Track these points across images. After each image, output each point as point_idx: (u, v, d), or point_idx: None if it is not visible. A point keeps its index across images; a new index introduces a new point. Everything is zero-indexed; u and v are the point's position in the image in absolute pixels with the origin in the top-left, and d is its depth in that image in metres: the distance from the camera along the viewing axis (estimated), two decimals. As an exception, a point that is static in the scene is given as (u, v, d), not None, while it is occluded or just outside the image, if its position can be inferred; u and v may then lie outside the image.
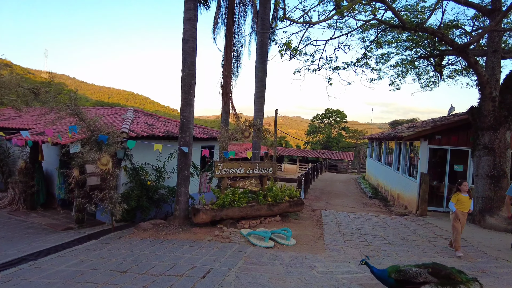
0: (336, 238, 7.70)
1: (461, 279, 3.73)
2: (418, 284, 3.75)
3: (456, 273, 3.80)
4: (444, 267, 3.89)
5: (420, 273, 3.73)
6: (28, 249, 6.57)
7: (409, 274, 3.73)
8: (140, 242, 6.91)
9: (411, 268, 3.80)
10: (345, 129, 62.71)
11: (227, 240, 7.00)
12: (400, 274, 3.77)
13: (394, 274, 3.83)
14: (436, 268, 3.85)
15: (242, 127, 8.89)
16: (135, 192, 9.38)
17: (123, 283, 4.54)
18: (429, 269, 3.80)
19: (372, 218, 10.75)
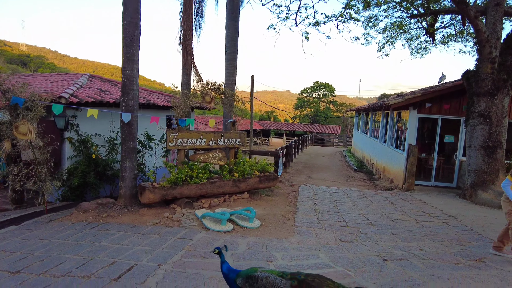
0: (310, 218, 6.59)
1: None
2: None
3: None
4: (326, 282, 2.56)
5: (278, 285, 2.47)
6: None
7: (259, 284, 2.49)
8: (70, 227, 5.66)
9: (268, 276, 2.52)
10: (333, 103, 61.58)
11: (176, 223, 5.81)
12: (248, 282, 2.54)
13: (240, 280, 2.59)
14: (306, 282, 2.52)
15: (202, 90, 7.51)
16: (80, 168, 8.05)
17: (0, 292, 3.32)
18: (293, 282, 2.51)
19: (354, 194, 9.72)
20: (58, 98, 7.61)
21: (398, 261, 4.30)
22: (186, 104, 7.22)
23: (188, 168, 7.11)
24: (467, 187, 9.02)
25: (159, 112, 10.99)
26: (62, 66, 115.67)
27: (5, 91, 5.68)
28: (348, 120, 48.16)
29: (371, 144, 17.26)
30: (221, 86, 7.72)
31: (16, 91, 5.75)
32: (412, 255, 4.56)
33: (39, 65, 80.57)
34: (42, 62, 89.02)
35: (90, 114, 6.28)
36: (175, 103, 7.20)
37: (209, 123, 7.75)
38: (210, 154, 7.68)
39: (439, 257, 4.52)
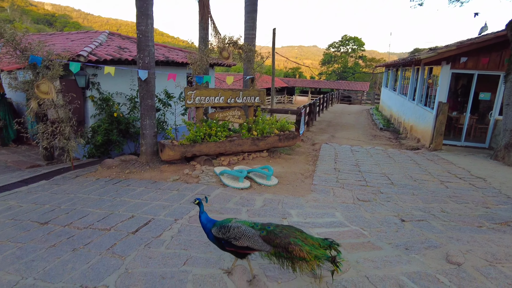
0: (329, 177, 6.50)
1: (306, 254, 2.51)
2: (241, 248, 2.63)
3: (299, 243, 2.57)
4: (294, 233, 2.67)
5: (248, 234, 2.59)
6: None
7: (230, 233, 2.60)
8: (94, 183, 5.90)
9: (239, 226, 2.64)
10: (362, 58, 58.67)
11: (195, 180, 5.91)
12: (221, 231, 2.65)
13: (215, 229, 2.69)
14: (274, 232, 2.65)
15: (219, 45, 7.24)
16: (103, 126, 8.24)
17: (29, 241, 3.53)
18: (263, 232, 2.66)
19: (378, 153, 9.45)
20: (76, 57, 7.63)
21: (416, 222, 4.18)
22: (203, 60, 7.02)
23: (207, 126, 7.09)
24: (501, 147, 8.50)
25: (179, 69, 10.88)
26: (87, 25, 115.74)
27: (23, 49, 5.70)
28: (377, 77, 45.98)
29: (399, 102, 16.51)
30: (239, 41, 7.41)
31: (33, 49, 5.75)
32: (433, 217, 4.42)
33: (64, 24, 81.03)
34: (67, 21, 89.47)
35: (107, 72, 6.25)
36: (191, 59, 7.02)
37: (226, 81, 7.55)
38: (228, 112, 7.58)
39: (461, 219, 4.35)
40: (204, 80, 7.12)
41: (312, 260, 2.49)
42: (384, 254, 3.22)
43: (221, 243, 2.68)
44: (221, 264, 3.02)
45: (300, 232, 2.73)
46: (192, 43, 7.51)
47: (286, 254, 2.55)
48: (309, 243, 2.61)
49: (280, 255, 2.58)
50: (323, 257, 2.53)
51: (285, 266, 2.61)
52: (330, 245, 2.65)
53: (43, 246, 3.38)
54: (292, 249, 2.53)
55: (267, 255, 2.65)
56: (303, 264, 2.52)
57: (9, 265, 3.03)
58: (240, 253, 2.70)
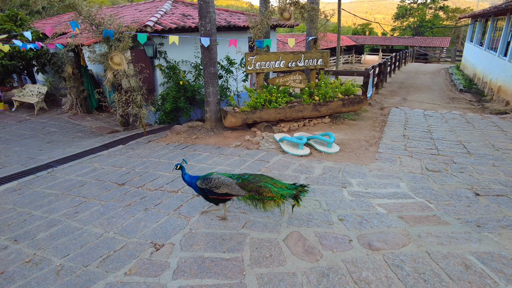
0: (396, 145, 6.12)
1: (272, 193, 3.00)
2: (222, 195, 3.09)
3: (269, 186, 3.05)
4: (265, 179, 3.15)
5: (226, 183, 3.04)
6: (59, 154, 6.57)
7: (212, 183, 3.05)
8: (164, 147, 6.39)
9: (219, 177, 3.08)
10: (443, 9, 51.82)
11: (256, 146, 6.04)
12: (204, 182, 3.09)
13: (199, 181, 3.13)
14: (247, 179, 3.12)
15: (280, 5, 6.97)
16: (171, 93, 8.71)
17: (110, 199, 4.01)
18: (239, 180, 3.12)
19: (454, 118, 8.57)
20: (144, 27, 8.00)
21: (494, 197, 3.79)
22: (263, 23, 6.86)
23: (267, 93, 7.07)
24: None
25: (241, 33, 10.82)
26: None
27: (98, 24, 6.15)
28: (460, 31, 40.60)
29: (486, 58, 14.48)
30: (300, 0, 7.03)
31: (105, 24, 6.17)
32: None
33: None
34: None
35: (172, 41, 6.49)
36: (252, 22, 6.90)
37: (288, 43, 7.32)
38: (289, 77, 7.43)
39: (551, 195, 3.83)
40: (264, 44, 7.01)
41: (278, 199, 2.99)
42: (451, 230, 3.01)
43: (205, 193, 3.12)
44: (278, 229, 3.12)
45: (270, 178, 3.19)
46: (252, 5, 7.31)
47: (258, 196, 3.01)
48: (278, 186, 3.08)
49: (253, 198, 3.04)
50: (287, 195, 3.01)
51: (257, 207, 3.08)
52: (296, 188, 3.08)
53: (121, 205, 3.82)
54: (262, 190, 3.00)
55: (243, 199, 3.10)
56: (271, 202, 3.00)
57: (95, 220, 3.51)
58: (221, 199, 3.15)
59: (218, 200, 3.18)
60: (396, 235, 2.91)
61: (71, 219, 3.56)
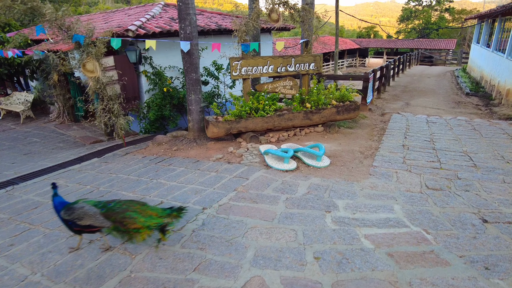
0: (394, 157, 5.53)
1: (139, 225, 2.66)
2: (85, 227, 2.74)
3: (134, 215, 2.70)
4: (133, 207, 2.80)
5: (89, 213, 2.69)
6: (28, 168, 6.09)
7: (75, 214, 2.70)
8: (139, 161, 5.87)
9: (83, 206, 2.74)
10: (449, 11, 50.99)
11: (238, 159, 5.48)
12: (67, 213, 2.74)
13: (63, 212, 2.75)
14: (112, 209, 2.76)
15: (267, 5, 6.45)
16: (155, 101, 8.22)
17: (56, 227, 3.49)
18: (103, 209, 2.75)
19: (460, 124, 7.94)
20: (125, 32, 7.54)
21: (505, 226, 3.18)
22: (249, 25, 6.34)
23: (254, 100, 6.53)
24: None
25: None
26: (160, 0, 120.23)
27: (68, 29, 5.67)
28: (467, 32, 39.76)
29: (493, 60, 13.80)
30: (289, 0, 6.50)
31: (74, 28, 5.69)
32: (530, 217, 3.35)
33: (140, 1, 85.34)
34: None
35: (148, 46, 5.99)
36: (236, 24, 6.39)
37: (276, 46, 6.79)
38: (279, 82, 6.89)
39: None
40: (251, 48, 6.48)
41: (144, 231, 2.64)
42: (451, 275, 2.42)
43: (69, 225, 2.77)
44: (237, 272, 2.56)
45: (142, 204, 2.87)
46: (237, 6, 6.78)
47: (122, 228, 2.66)
48: (147, 214, 2.74)
49: (119, 230, 2.67)
50: (154, 226, 2.68)
51: (125, 239, 2.72)
52: (171, 213, 2.80)
53: (65, 235, 3.29)
54: (126, 222, 2.66)
55: (108, 230, 2.74)
56: (137, 235, 2.65)
57: (28, 255, 2.99)
58: (87, 232, 2.80)
59: (83, 233, 2.86)
60: (381, 283, 2.33)
61: (1, 254, 3.03)
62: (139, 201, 3.01)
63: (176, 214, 2.84)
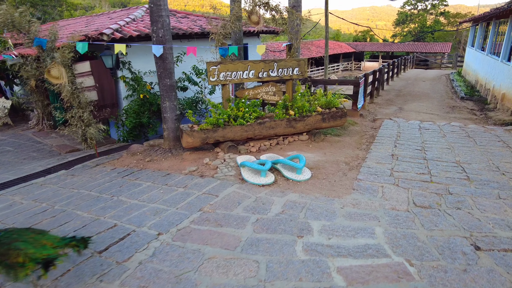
0: (381, 168, 5.11)
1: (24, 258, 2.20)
2: None
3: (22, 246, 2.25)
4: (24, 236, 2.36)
5: None
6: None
7: None
8: (106, 174, 5.43)
9: None
10: (444, 14, 51.03)
11: (212, 172, 5.05)
12: None
13: None
14: None
15: (246, 7, 6.06)
16: (133, 108, 7.80)
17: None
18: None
19: (453, 131, 7.56)
20: (100, 35, 7.13)
21: (500, 254, 2.77)
22: (227, 27, 5.94)
23: (234, 107, 6.12)
24: None
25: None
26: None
27: (27, 32, 5.24)
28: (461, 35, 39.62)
29: (488, 64, 13.48)
30: (270, 2, 6.11)
31: (34, 31, 5.26)
32: (529, 242, 2.93)
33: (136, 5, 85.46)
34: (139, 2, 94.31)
35: (117, 50, 5.57)
36: (213, 27, 5.98)
37: (257, 50, 6.39)
38: (261, 88, 6.48)
39: None
40: (229, 52, 6.08)
41: (29, 265, 2.21)
42: (435, 325, 1.99)
43: None
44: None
45: (37, 233, 2.47)
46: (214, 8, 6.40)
47: (7, 261, 2.22)
48: (40, 244, 2.34)
49: (3, 264, 2.23)
50: (43, 259, 2.26)
51: (11, 275, 2.22)
52: (69, 243, 2.45)
53: None
54: (11, 253, 2.24)
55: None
56: (21, 270, 2.20)
57: None
58: None
59: None
60: None
61: None
62: (36, 229, 2.63)
63: (75, 244, 2.45)
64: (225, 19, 6.14)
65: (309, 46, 38.33)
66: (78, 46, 5.42)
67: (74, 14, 35.75)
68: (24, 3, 27.44)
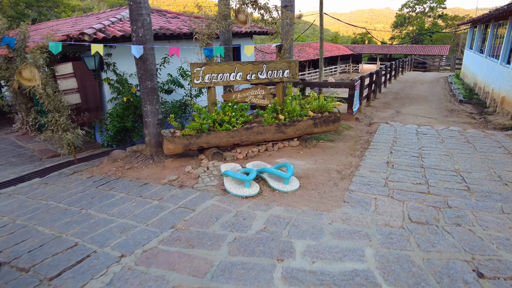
0: (375, 177, 4.76)
1: None
2: None
3: None
4: None
5: None
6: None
7: None
8: (81, 183, 5.06)
9: None
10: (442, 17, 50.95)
11: (193, 182, 4.69)
12: None
13: None
14: None
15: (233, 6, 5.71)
16: (116, 111, 7.43)
17: None
18: None
19: (452, 136, 7.23)
20: (81, 35, 6.77)
21: (507, 284, 2.41)
22: (212, 27, 5.60)
23: (221, 111, 5.77)
24: None
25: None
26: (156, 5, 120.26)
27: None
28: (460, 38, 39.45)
29: (487, 66, 13.18)
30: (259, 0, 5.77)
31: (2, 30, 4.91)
32: (539, 268, 2.58)
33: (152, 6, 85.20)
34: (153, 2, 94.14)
35: (94, 51, 5.20)
36: (198, 26, 5.63)
37: (245, 51, 6.03)
38: (249, 91, 6.13)
39: None
40: (215, 53, 5.73)
41: None
42: None
43: None
44: None
45: None
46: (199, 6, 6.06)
47: None
48: None
49: None
50: None
51: None
52: None
53: None
54: None
55: None
56: None
57: None
58: None
59: None
60: None
61: None
62: None
63: None
64: (211, 17, 5.79)
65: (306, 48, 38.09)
66: (51, 46, 5.05)
67: (72, 16, 35.30)
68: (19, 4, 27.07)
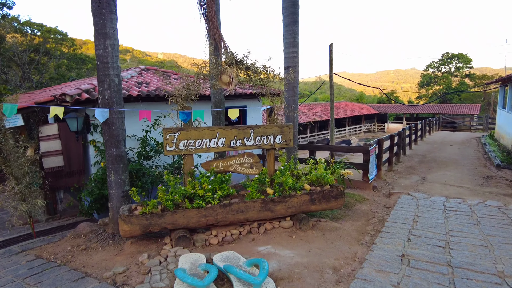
0: (382, 282, 3.50)
1: None
2: None
3: None
4: None
5: None
6: None
7: None
8: (14, 270, 4.13)
9: None
10: (469, 76, 49.98)
11: (139, 279, 3.63)
12: None
13: None
14: None
15: (214, 65, 5.09)
16: (95, 176, 6.73)
17: None
18: None
19: (490, 215, 5.83)
20: (62, 96, 6.38)
21: None
22: (192, 88, 4.93)
23: (197, 184, 4.85)
24: None
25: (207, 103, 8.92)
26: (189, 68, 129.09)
27: None
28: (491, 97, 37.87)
29: (525, 129, 11.76)
30: (246, 60, 5.12)
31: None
32: None
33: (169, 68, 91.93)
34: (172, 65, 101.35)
35: (53, 114, 4.60)
36: (176, 89, 4.99)
37: (229, 114, 5.26)
38: (234, 159, 5.24)
39: None
40: (194, 117, 4.99)
41: None
42: None
43: None
44: None
45: None
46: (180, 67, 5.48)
47: None
48: None
49: None
50: None
51: None
52: None
53: None
54: None
55: None
56: None
57: None
58: None
59: None
60: None
61: None
62: None
63: None
64: (189, 77, 5.16)
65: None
66: (5, 110, 4.52)
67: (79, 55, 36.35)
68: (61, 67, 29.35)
